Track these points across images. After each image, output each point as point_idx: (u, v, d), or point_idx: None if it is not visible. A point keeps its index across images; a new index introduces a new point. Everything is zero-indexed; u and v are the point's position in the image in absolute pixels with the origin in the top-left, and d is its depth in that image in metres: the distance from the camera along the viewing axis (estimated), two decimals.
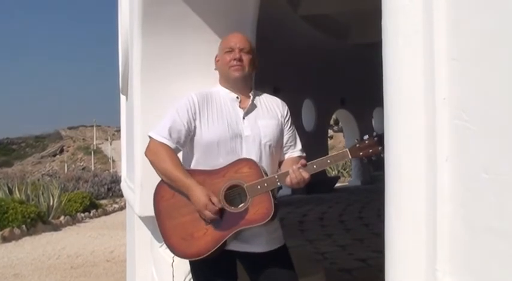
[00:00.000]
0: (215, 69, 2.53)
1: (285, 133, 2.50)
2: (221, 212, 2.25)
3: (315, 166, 2.28)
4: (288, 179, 2.25)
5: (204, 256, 2.27)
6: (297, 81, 13.38)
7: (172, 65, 3.07)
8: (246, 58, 2.42)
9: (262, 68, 2.52)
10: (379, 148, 2.23)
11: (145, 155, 2.41)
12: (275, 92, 2.63)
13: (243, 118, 2.40)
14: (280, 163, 2.50)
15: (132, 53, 3.36)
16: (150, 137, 2.39)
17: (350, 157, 2.29)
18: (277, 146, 2.46)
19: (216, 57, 2.55)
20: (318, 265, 5.15)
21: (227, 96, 2.45)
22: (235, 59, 2.40)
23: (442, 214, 0.95)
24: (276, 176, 2.28)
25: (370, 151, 2.27)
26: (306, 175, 2.25)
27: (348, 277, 5.35)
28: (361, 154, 2.28)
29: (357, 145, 2.29)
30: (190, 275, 2.58)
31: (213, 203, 2.21)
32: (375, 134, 2.31)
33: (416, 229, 0.99)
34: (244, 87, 2.47)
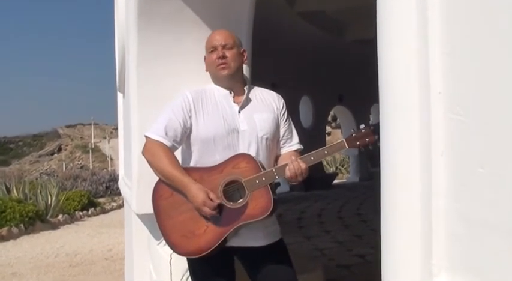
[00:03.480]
0: (206, 70, 2.53)
1: (281, 126, 2.50)
2: (220, 208, 2.25)
3: (312, 158, 2.29)
4: (286, 171, 2.26)
5: (206, 252, 2.27)
6: (295, 78, 13.37)
7: (169, 62, 3.06)
8: (229, 54, 2.43)
9: (260, 65, 2.52)
10: (376, 136, 2.24)
11: (143, 154, 2.41)
12: (273, 89, 2.61)
13: (239, 112, 2.41)
14: (277, 157, 2.50)
15: (128, 51, 3.35)
16: (146, 137, 2.40)
17: (347, 146, 2.30)
18: (274, 140, 2.46)
19: (204, 59, 2.56)
20: (317, 261, 5.15)
21: (221, 93, 2.45)
22: (219, 58, 2.41)
23: (438, 209, 0.95)
24: (274, 170, 2.28)
25: (367, 140, 2.27)
26: (303, 165, 2.26)
27: (347, 273, 5.35)
28: (357, 143, 2.29)
29: (353, 135, 2.30)
30: (188, 273, 2.58)
31: (211, 199, 2.21)
32: (371, 123, 2.32)
33: (411, 224, 0.99)
34: (236, 83, 2.47)
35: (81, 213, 13.52)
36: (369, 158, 16.91)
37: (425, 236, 0.96)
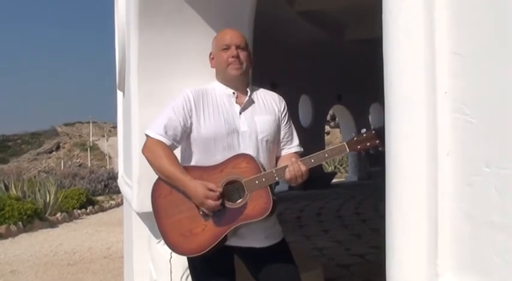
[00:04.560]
0: (212, 66, 2.51)
1: (281, 128, 2.49)
2: (222, 202, 2.24)
3: (312, 160, 2.28)
4: (286, 173, 2.25)
5: (203, 252, 2.26)
6: (294, 77, 13.36)
7: (170, 60, 3.06)
8: (242, 55, 2.41)
9: (260, 64, 2.51)
10: (377, 140, 2.22)
11: (142, 152, 2.41)
12: (272, 88, 2.61)
13: (240, 114, 2.39)
14: (277, 159, 2.50)
15: (128, 49, 3.35)
16: (146, 135, 2.39)
17: (348, 150, 2.28)
18: (274, 142, 2.45)
19: (210, 55, 2.52)
20: (316, 260, 5.15)
21: (223, 92, 2.44)
22: (233, 57, 2.38)
23: (443, 208, 0.95)
24: (274, 171, 2.27)
25: (368, 144, 2.25)
26: (303, 167, 2.24)
27: (346, 273, 5.35)
28: (358, 147, 2.27)
29: (355, 138, 2.28)
30: (188, 271, 2.58)
31: (212, 190, 2.20)
32: (372, 127, 2.30)
33: (417, 224, 0.98)
34: (242, 84, 2.46)
35: (79, 211, 13.51)
36: (367, 157, 16.92)
37: (431, 236, 0.96)
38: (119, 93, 5.85)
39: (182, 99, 2.38)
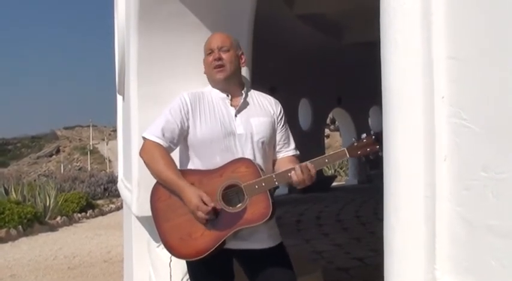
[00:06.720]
0: (204, 72, 2.53)
1: (278, 131, 2.50)
2: (218, 211, 2.24)
3: (312, 165, 2.28)
4: (293, 175, 2.24)
5: (203, 256, 2.26)
6: (294, 80, 13.37)
7: (169, 64, 3.06)
8: (226, 56, 2.43)
9: (259, 68, 2.52)
10: (377, 146, 2.23)
11: (140, 155, 2.42)
12: (272, 92, 2.62)
13: (235, 116, 2.40)
14: (273, 162, 2.50)
15: (128, 53, 3.36)
16: (143, 137, 2.40)
17: (348, 156, 2.29)
18: (270, 144, 2.46)
19: (203, 61, 2.56)
20: (316, 264, 5.15)
21: (218, 95, 2.46)
22: (215, 59, 2.42)
23: (441, 213, 0.95)
24: (274, 176, 2.27)
25: (368, 149, 2.26)
26: (313, 169, 2.25)
27: (346, 276, 5.35)
28: (359, 152, 2.28)
29: (355, 144, 2.29)
30: (187, 275, 2.58)
31: (205, 203, 2.20)
32: (372, 132, 2.31)
33: (415, 228, 0.99)
34: (233, 86, 2.47)
35: (79, 215, 13.50)
36: (368, 161, 16.89)
37: (429, 240, 0.97)
38: (119, 97, 5.86)
39: (179, 102, 2.40)
